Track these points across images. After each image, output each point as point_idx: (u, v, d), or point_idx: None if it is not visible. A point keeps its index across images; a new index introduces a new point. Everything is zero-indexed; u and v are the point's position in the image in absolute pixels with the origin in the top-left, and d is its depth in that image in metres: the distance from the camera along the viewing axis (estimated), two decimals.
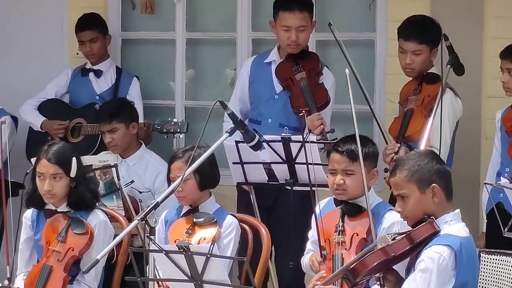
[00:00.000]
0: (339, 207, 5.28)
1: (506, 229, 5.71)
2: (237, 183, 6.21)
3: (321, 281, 4.79)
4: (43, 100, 7.48)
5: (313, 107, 6.40)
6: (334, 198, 5.34)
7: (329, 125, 6.45)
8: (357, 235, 5.15)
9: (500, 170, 6.28)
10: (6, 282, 5.51)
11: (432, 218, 4.56)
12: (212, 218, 5.55)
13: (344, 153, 5.23)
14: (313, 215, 5.33)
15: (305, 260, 5.42)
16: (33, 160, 5.85)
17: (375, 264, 4.50)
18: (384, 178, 6.07)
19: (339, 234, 5.15)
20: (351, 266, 4.54)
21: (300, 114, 5.93)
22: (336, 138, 6.10)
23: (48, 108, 7.46)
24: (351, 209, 5.23)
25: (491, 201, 5.80)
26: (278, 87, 6.61)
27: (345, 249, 5.12)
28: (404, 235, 4.57)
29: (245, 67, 6.86)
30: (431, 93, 6.19)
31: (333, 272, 4.97)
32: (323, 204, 5.41)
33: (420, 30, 6.30)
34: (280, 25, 6.55)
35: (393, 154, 6.04)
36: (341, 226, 5.20)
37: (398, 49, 6.39)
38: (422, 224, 4.56)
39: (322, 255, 5.19)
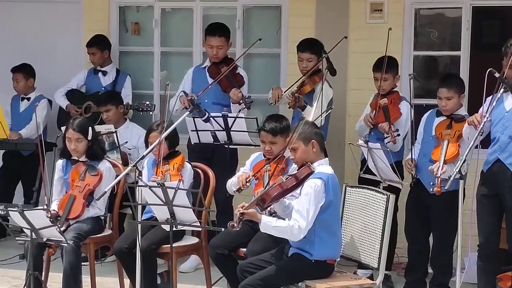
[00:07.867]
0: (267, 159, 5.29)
1: (361, 172, 5.87)
2: (194, 143, 6.17)
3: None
4: (69, 89, 7.37)
5: (236, 86, 6.37)
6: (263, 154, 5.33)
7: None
8: (278, 168, 5.12)
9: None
10: (45, 206, 5.49)
11: (308, 163, 4.63)
12: None
13: (268, 131, 5.23)
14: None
15: (232, 179, 5.34)
16: (63, 128, 5.82)
17: (275, 194, 4.56)
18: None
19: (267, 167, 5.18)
20: (261, 197, 4.55)
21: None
22: (252, 101, 6.26)
23: (71, 94, 7.35)
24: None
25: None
26: (210, 80, 6.50)
27: (270, 173, 5.10)
28: (292, 175, 4.64)
29: (190, 71, 6.76)
30: (317, 79, 6.18)
31: (263, 186, 4.98)
32: (256, 155, 5.40)
33: (310, 45, 6.28)
34: (207, 44, 6.54)
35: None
36: (269, 165, 5.20)
37: (298, 58, 6.35)
38: (302, 167, 4.64)
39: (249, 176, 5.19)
